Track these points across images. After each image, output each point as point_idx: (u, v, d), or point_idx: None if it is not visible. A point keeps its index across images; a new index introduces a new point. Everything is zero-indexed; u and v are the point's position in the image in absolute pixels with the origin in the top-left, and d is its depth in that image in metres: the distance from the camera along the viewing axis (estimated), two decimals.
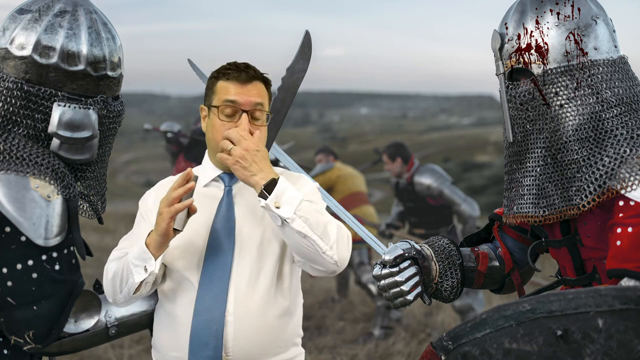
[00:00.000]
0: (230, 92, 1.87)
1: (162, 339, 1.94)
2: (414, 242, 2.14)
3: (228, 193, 1.93)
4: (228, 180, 1.95)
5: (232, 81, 1.88)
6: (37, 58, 1.97)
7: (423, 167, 6.02)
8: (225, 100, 1.87)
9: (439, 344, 1.49)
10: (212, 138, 1.92)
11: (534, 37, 1.88)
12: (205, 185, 1.96)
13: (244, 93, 1.87)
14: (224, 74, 1.90)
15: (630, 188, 1.72)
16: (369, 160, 8.04)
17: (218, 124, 1.88)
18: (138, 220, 2.03)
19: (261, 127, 1.89)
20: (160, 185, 2.07)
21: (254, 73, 1.90)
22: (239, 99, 1.86)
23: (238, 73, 1.88)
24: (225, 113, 1.88)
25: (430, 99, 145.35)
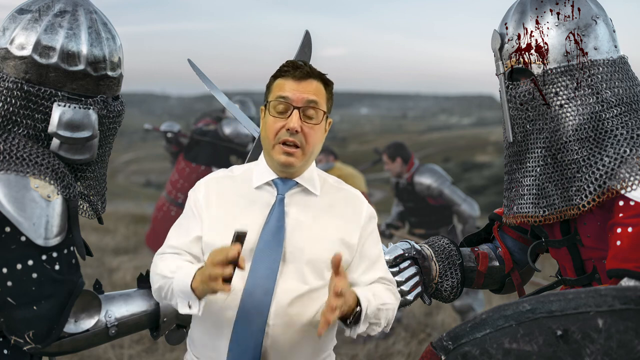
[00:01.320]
0: (284, 89, 1.82)
1: (201, 339, 1.90)
2: (414, 242, 2.14)
3: (280, 202, 1.84)
4: (282, 187, 1.86)
5: (288, 78, 1.83)
6: (37, 58, 1.97)
7: (423, 167, 6.02)
8: (278, 97, 1.82)
9: (439, 344, 1.49)
10: (265, 136, 1.85)
11: (534, 37, 1.88)
12: (257, 187, 1.88)
13: (298, 89, 1.81)
14: (281, 71, 1.86)
15: (630, 188, 1.72)
16: (369, 160, 8.03)
17: (270, 120, 1.82)
18: (187, 215, 1.91)
19: (314, 125, 1.81)
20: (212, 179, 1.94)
21: (310, 70, 1.84)
22: (291, 95, 1.80)
23: (294, 70, 1.83)
24: (278, 109, 1.81)
25: (430, 99, 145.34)
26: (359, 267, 1.86)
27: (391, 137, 32.58)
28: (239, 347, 1.77)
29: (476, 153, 43.74)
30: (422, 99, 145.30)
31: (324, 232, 1.82)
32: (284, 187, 1.86)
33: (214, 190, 1.88)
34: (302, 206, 1.85)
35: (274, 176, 1.87)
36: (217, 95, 2.67)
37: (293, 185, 1.86)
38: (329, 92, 1.88)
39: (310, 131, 1.80)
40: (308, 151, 1.82)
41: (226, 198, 1.86)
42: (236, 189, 1.88)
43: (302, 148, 1.80)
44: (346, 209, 1.88)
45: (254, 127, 2.58)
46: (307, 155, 1.83)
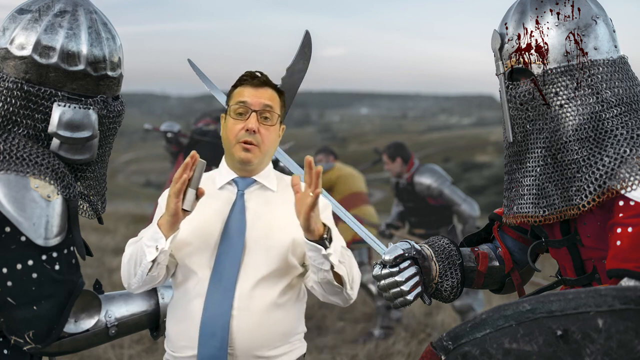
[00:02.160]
0: (243, 95, 2.04)
1: (174, 330, 2.05)
2: (414, 242, 2.14)
3: (241, 197, 2.05)
4: (241, 184, 2.08)
5: (246, 86, 2.06)
6: (37, 58, 1.97)
7: (423, 167, 6.01)
8: (238, 101, 2.04)
9: (439, 344, 1.49)
10: (225, 137, 2.06)
11: (534, 37, 1.88)
12: (220, 187, 2.08)
13: (255, 95, 2.03)
14: (240, 80, 2.09)
15: (630, 188, 1.72)
16: (369, 160, 8.03)
17: (230, 122, 2.04)
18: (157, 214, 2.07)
19: (270, 126, 2.04)
20: None
21: (266, 79, 2.08)
22: (249, 99, 2.03)
23: (252, 79, 2.06)
24: (237, 112, 2.03)
25: (430, 99, 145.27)
26: None
27: (391, 137, 32.57)
28: (207, 332, 1.94)
29: (476, 153, 43.75)
30: (422, 99, 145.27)
31: (282, 222, 2.01)
32: (243, 184, 2.07)
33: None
34: (261, 201, 2.06)
35: (234, 175, 2.08)
36: (217, 95, 2.67)
37: (251, 183, 2.08)
38: (282, 100, 2.12)
39: (266, 132, 2.03)
40: (264, 149, 2.03)
41: None
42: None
43: (259, 146, 2.02)
44: None
45: None
46: (264, 153, 2.04)
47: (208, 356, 1.95)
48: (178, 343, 2.03)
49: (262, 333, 1.98)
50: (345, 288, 1.98)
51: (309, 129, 73.27)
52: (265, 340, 1.98)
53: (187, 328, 2.00)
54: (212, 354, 1.94)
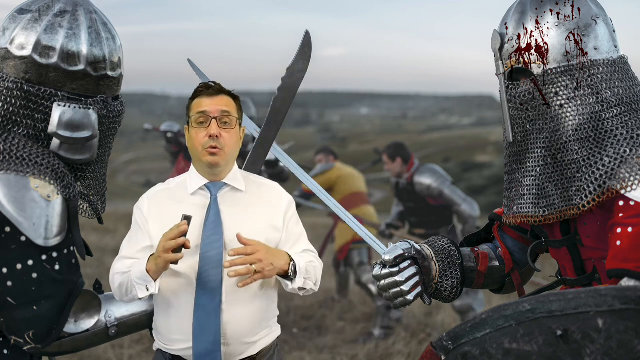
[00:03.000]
0: (201, 105, 2.17)
1: (165, 324, 2.17)
2: (414, 242, 2.14)
3: (215, 201, 2.17)
4: (213, 188, 2.19)
5: (202, 96, 2.19)
6: (37, 58, 1.97)
7: (423, 167, 6.01)
8: (197, 112, 2.16)
9: (439, 344, 1.49)
10: (192, 147, 2.18)
11: (534, 37, 1.88)
12: (192, 193, 2.19)
13: (212, 104, 2.16)
14: (196, 92, 2.21)
15: (630, 188, 1.72)
16: (369, 160, 8.03)
17: (194, 132, 2.17)
18: (135, 228, 2.21)
19: (230, 130, 2.17)
20: (153, 195, 2.25)
21: (220, 88, 2.21)
22: (207, 108, 2.15)
23: (207, 89, 2.19)
24: (199, 122, 2.15)
25: (430, 99, 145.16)
26: (287, 244, 2.23)
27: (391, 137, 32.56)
28: (201, 330, 2.09)
29: (476, 153, 43.74)
30: (422, 99, 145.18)
31: (255, 220, 2.18)
32: (215, 189, 2.19)
33: (155, 202, 2.21)
34: (233, 202, 2.19)
35: (205, 181, 2.20)
36: None
37: (222, 186, 2.20)
38: (238, 104, 2.24)
39: (227, 135, 2.15)
40: (228, 151, 2.16)
41: (167, 206, 2.18)
42: (175, 197, 2.20)
43: (223, 149, 2.14)
44: (269, 199, 2.25)
45: (254, 127, 2.58)
46: (228, 156, 2.17)
47: (203, 350, 2.09)
48: (170, 337, 2.15)
49: (248, 322, 2.15)
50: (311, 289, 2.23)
51: (309, 129, 73.26)
52: (252, 328, 2.16)
53: (178, 324, 2.12)
54: (206, 348, 2.09)
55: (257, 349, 2.19)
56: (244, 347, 2.15)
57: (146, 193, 2.26)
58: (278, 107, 2.50)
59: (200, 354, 2.09)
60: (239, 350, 2.14)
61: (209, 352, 2.09)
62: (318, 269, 2.26)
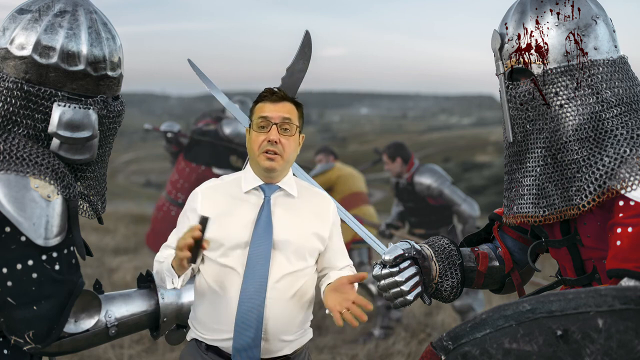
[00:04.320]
0: (264, 110, 2.23)
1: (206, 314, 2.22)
2: (414, 242, 2.14)
3: (268, 202, 2.23)
4: (267, 190, 2.25)
5: (266, 101, 2.25)
6: (37, 58, 1.97)
7: (423, 167, 6.01)
8: (259, 116, 2.23)
9: (439, 344, 1.49)
10: (250, 148, 2.25)
11: (534, 37, 1.88)
12: (246, 192, 2.25)
13: (275, 110, 2.22)
14: (261, 97, 2.27)
15: (630, 188, 1.72)
16: (369, 160, 8.03)
17: (254, 135, 2.23)
18: (183, 219, 2.28)
19: (289, 137, 2.23)
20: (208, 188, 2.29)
21: (284, 95, 2.27)
22: (269, 114, 2.21)
23: (271, 95, 2.25)
24: (260, 126, 2.22)
25: (430, 99, 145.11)
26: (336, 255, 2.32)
27: (391, 137, 32.55)
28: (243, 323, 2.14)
29: (476, 153, 43.73)
30: (422, 99, 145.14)
31: (303, 226, 2.24)
32: (269, 191, 2.25)
33: (209, 196, 2.26)
34: (285, 206, 2.25)
35: (260, 182, 2.25)
36: (217, 95, 2.67)
37: (276, 189, 2.26)
38: (300, 112, 2.30)
39: (286, 142, 2.21)
40: (286, 157, 2.22)
41: (220, 200, 2.24)
42: (228, 192, 2.26)
43: (281, 155, 2.20)
44: (318, 208, 2.31)
45: None
46: (286, 161, 2.23)
47: (244, 345, 2.14)
48: (211, 326, 2.20)
49: (288, 320, 2.19)
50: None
51: (309, 129, 73.10)
52: (290, 326, 2.20)
53: (220, 316, 2.17)
54: (247, 342, 2.13)
55: (293, 348, 2.22)
56: (282, 345, 2.19)
57: (199, 187, 2.31)
58: None
59: (241, 348, 2.14)
60: (276, 347, 2.18)
61: (249, 347, 2.14)
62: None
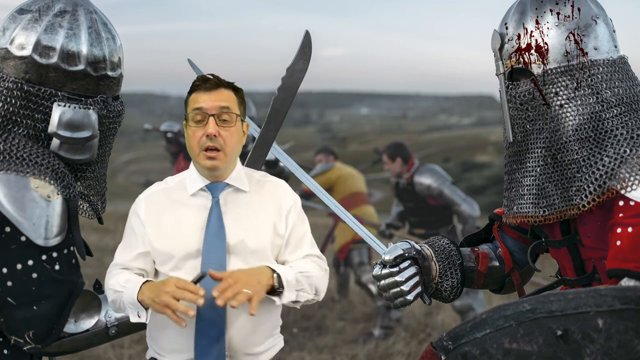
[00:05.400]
0: (198, 101, 2.02)
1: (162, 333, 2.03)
2: (414, 242, 2.14)
3: (216, 204, 2.04)
4: (215, 190, 2.06)
5: (199, 91, 2.03)
6: (37, 58, 1.97)
7: (423, 167, 6.01)
8: (194, 109, 2.01)
9: (439, 344, 1.49)
10: (189, 146, 2.05)
11: (534, 37, 1.88)
12: (192, 194, 2.06)
13: (210, 99, 2.01)
14: (193, 86, 2.06)
15: (630, 188, 1.72)
16: (369, 160, 8.03)
17: (191, 131, 2.02)
18: (129, 232, 2.09)
19: (230, 128, 2.02)
20: (151, 195, 2.11)
21: (219, 81, 2.04)
22: (204, 105, 2.00)
23: (204, 83, 2.03)
24: (195, 120, 2.01)
25: (430, 99, 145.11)
26: (287, 248, 2.09)
27: (391, 137, 32.54)
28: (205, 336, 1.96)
29: (476, 153, 43.73)
30: (422, 99, 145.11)
31: (259, 223, 2.04)
32: (216, 190, 2.05)
33: (152, 203, 2.07)
34: (236, 204, 2.05)
35: (206, 182, 2.06)
36: None
37: (224, 187, 2.06)
38: (240, 97, 2.08)
39: (227, 134, 2.00)
40: (228, 152, 2.02)
41: (166, 207, 2.05)
42: (173, 197, 2.07)
43: (222, 150, 2.00)
44: (273, 199, 2.10)
45: (254, 127, 2.58)
46: (229, 156, 2.03)
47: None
48: (168, 346, 2.02)
49: (253, 331, 2.02)
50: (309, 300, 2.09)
51: (309, 129, 73.24)
52: (257, 338, 2.03)
53: (177, 334, 1.98)
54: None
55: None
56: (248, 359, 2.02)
57: (143, 193, 2.13)
58: (278, 107, 2.50)
59: None
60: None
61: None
62: (317, 278, 2.08)
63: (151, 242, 2.02)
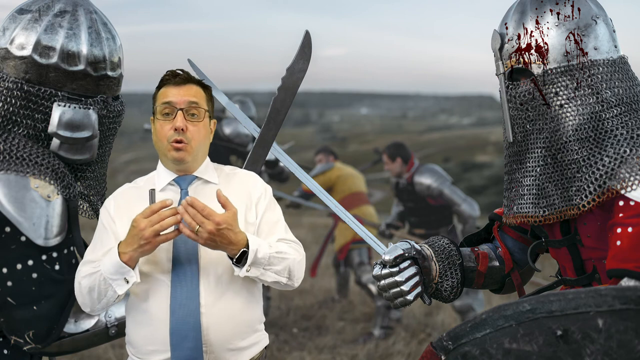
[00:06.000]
0: (167, 95, 2.02)
1: (139, 335, 1.99)
2: (414, 242, 2.14)
3: (185, 195, 2.03)
4: (183, 183, 2.05)
5: (169, 85, 2.03)
6: (37, 58, 1.97)
7: (423, 167, 6.01)
8: (162, 102, 2.01)
9: (439, 344, 1.49)
10: (157, 140, 2.04)
11: (534, 37, 1.88)
12: (161, 190, 2.05)
13: (179, 94, 2.01)
14: (163, 80, 2.05)
15: (630, 188, 1.72)
16: (369, 160, 8.04)
17: (159, 125, 2.01)
18: (100, 230, 2.04)
19: (198, 122, 2.02)
20: (119, 194, 2.09)
21: (188, 76, 2.06)
22: (173, 99, 2.00)
23: (174, 78, 2.04)
24: (164, 113, 2.01)
25: (430, 99, 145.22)
26: (261, 235, 2.06)
27: (391, 137, 32.55)
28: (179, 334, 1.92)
29: (476, 153, 43.74)
30: (422, 99, 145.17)
31: None
32: (185, 183, 2.05)
33: (122, 201, 2.05)
34: (206, 196, 2.01)
35: (174, 176, 2.05)
36: (217, 95, 2.67)
37: (193, 180, 2.06)
38: (209, 95, 2.10)
39: (194, 128, 2.01)
40: (195, 146, 2.01)
41: (135, 205, 1.98)
42: (143, 195, 2.00)
43: (189, 144, 1.99)
44: (242, 189, 2.09)
45: (254, 127, 2.58)
46: (195, 150, 2.02)
47: (183, 358, 1.92)
48: (145, 348, 1.98)
49: (232, 324, 1.98)
50: (280, 283, 2.03)
51: (309, 129, 73.29)
52: (237, 331, 1.99)
53: (153, 332, 1.95)
54: (187, 355, 1.92)
55: (246, 357, 2.02)
56: (230, 355, 1.98)
57: (113, 193, 2.10)
58: (278, 107, 2.50)
59: None
60: (224, 357, 1.97)
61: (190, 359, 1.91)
62: (293, 261, 2.04)
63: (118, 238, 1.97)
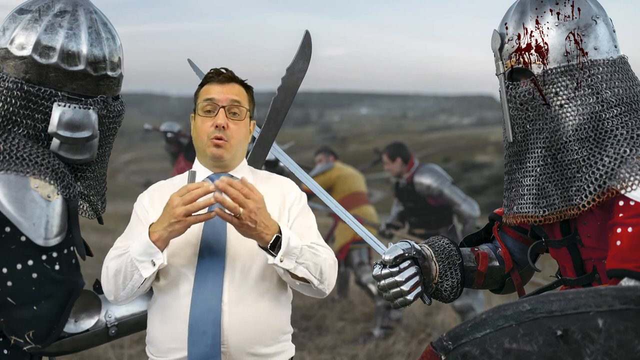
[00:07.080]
0: (210, 92, 2.04)
1: (159, 332, 2.00)
2: (414, 242, 2.14)
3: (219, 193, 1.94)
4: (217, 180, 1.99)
5: (212, 83, 2.06)
6: (37, 58, 1.97)
7: (423, 167, 6.02)
8: (205, 99, 2.04)
9: (439, 344, 1.49)
10: (196, 137, 2.06)
11: (534, 37, 1.88)
12: None
13: (222, 91, 2.04)
14: (206, 78, 2.09)
15: (630, 188, 1.72)
16: (369, 160, 8.04)
17: (200, 121, 2.03)
18: (134, 222, 2.08)
19: (239, 121, 2.04)
20: (154, 188, 2.14)
21: (232, 75, 2.08)
22: (216, 96, 2.03)
23: (217, 76, 2.07)
24: (206, 110, 2.03)
25: (430, 99, 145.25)
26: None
27: (391, 137, 32.55)
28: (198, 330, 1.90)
29: (476, 153, 43.76)
30: (422, 99, 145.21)
31: None
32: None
33: (156, 195, 2.08)
34: None
35: (210, 172, 2.06)
36: None
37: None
38: (250, 95, 2.12)
39: (235, 127, 2.02)
40: (235, 144, 2.03)
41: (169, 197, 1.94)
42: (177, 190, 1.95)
43: (229, 141, 2.01)
44: (277, 192, 2.08)
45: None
46: (235, 148, 2.03)
47: (200, 355, 1.89)
48: (164, 346, 1.97)
49: (254, 328, 1.94)
50: (312, 284, 1.98)
51: (309, 129, 73.33)
52: (258, 336, 1.95)
53: (173, 329, 1.94)
54: (204, 352, 1.89)
55: None
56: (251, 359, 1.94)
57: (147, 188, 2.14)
58: (278, 107, 2.50)
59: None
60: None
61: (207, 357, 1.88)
62: (325, 260, 2.00)
63: None
